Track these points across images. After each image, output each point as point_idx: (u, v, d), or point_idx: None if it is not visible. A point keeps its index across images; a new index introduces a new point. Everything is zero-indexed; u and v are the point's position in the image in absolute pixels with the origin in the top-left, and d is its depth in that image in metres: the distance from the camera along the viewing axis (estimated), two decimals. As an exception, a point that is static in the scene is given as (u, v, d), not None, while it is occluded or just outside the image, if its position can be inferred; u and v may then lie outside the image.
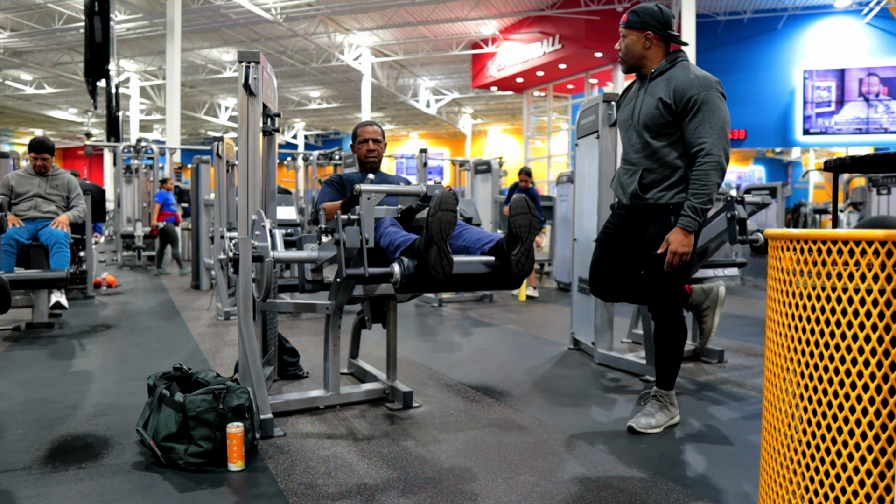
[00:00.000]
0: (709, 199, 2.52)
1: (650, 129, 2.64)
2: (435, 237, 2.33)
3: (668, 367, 2.80)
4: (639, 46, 2.68)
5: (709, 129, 2.51)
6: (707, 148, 2.51)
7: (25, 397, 3.14)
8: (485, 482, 2.21)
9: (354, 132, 3.38)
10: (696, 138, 2.54)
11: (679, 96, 2.55)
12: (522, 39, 16.98)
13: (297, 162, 13.06)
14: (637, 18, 2.66)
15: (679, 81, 2.57)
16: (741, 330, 5.26)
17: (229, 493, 2.12)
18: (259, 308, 2.98)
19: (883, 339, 1.37)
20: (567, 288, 7.56)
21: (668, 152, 2.63)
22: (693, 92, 2.53)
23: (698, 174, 2.52)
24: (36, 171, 5.12)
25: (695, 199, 2.53)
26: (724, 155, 2.53)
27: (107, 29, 9.46)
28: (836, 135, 15.80)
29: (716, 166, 2.50)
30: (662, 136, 2.63)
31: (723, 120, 2.53)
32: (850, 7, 15.07)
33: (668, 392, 2.82)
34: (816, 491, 1.45)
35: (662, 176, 2.65)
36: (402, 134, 31.87)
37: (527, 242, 2.47)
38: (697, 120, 2.53)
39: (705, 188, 2.51)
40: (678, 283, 2.73)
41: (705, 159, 2.51)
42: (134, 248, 10.13)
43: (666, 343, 2.78)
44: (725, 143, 2.53)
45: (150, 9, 15.21)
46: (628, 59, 2.72)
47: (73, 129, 29.73)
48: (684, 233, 2.54)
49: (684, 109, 2.56)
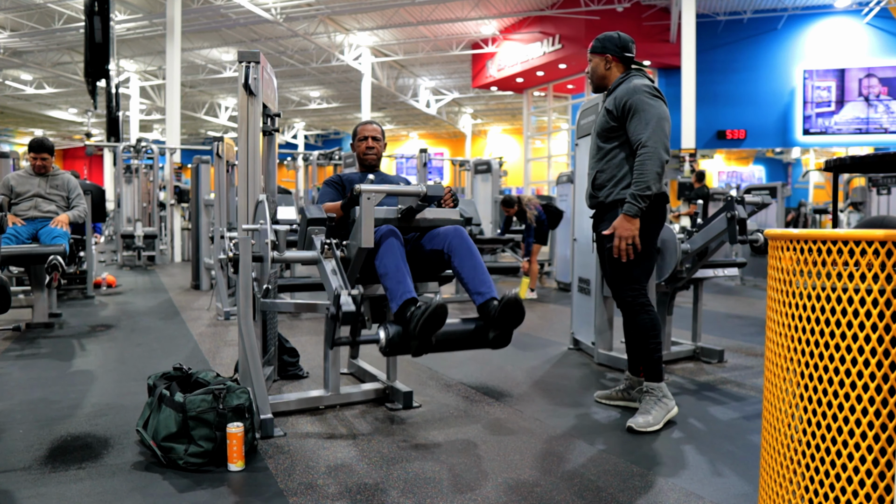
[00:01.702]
0: (647, 186, 2.73)
1: (600, 135, 2.96)
2: (420, 334, 2.41)
3: (646, 357, 2.86)
4: (601, 68, 3.00)
5: (644, 126, 2.75)
6: (643, 140, 2.74)
7: (25, 397, 3.14)
8: (485, 482, 2.21)
9: (354, 131, 3.43)
10: (635, 135, 2.78)
11: (618, 104, 2.85)
12: (522, 39, 16.98)
13: (297, 162, 13.06)
14: (599, 44, 3.00)
15: (618, 92, 2.87)
16: (741, 330, 5.26)
17: (229, 493, 2.12)
18: (259, 308, 2.98)
19: (883, 339, 1.37)
20: (567, 288, 7.55)
21: (615, 154, 2.90)
22: (626, 98, 2.81)
23: (637, 164, 2.75)
24: (36, 172, 5.12)
25: (635, 186, 2.75)
26: (661, 145, 2.73)
27: (107, 29, 9.44)
28: (836, 135, 15.80)
29: (651, 155, 2.71)
30: (609, 140, 2.92)
31: (655, 115, 2.76)
32: (850, 7, 15.07)
33: (657, 384, 2.84)
34: (816, 491, 1.45)
35: (611, 175, 2.92)
36: (402, 134, 31.87)
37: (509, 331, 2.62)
38: (635, 120, 2.78)
39: (643, 176, 2.72)
40: (635, 273, 2.88)
41: (641, 150, 2.74)
42: (134, 248, 10.13)
43: (636, 335, 2.90)
44: (661, 135, 2.75)
45: (150, 9, 15.21)
46: (594, 79, 3.08)
47: (73, 129, 29.73)
48: (627, 218, 2.76)
49: (622, 114, 2.83)
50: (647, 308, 2.88)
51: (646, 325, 2.85)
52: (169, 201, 11.56)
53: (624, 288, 2.88)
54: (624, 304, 2.90)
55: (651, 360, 2.85)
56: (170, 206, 11.49)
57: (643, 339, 2.86)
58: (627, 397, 3.11)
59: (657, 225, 2.89)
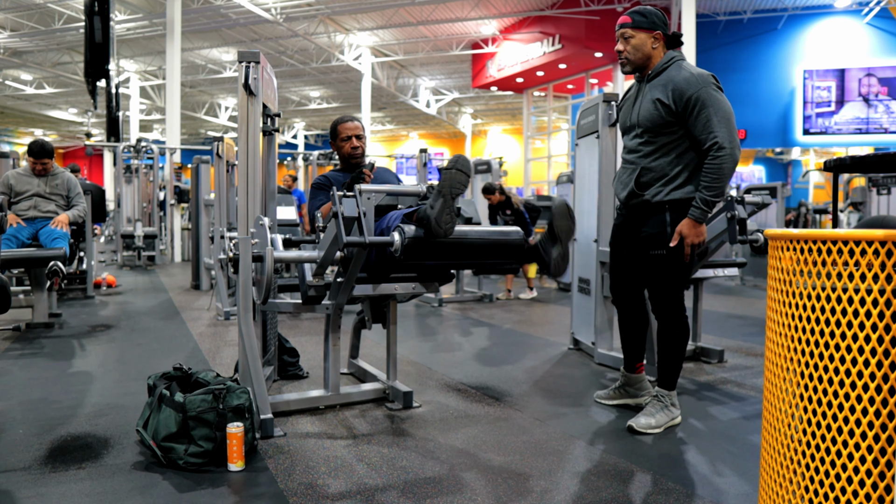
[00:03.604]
0: (720, 192, 2.56)
1: (649, 129, 2.67)
2: (444, 190, 2.33)
3: (670, 367, 2.80)
4: (647, 46, 2.69)
5: (717, 123, 2.54)
6: (720, 142, 2.53)
7: (25, 397, 3.14)
8: (485, 482, 2.21)
9: (333, 129, 3.33)
10: (706, 134, 2.55)
11: (678, 96, 2.58)
12: (522, 39, 16.97)
13: (297, 162, 13.06)
14: (645, 19, 2.68)
15: (676, 82, 2.60)
16: (741, 330, 5.26)
17: (229, 493, 2.12)
18: (259, 308, 2.98)
19: (883, 339, 1.37)
20: (567, 288, 7.55)
21: (667, 150, 2.67)
22: (691, 91, 2.56)
23: (712, 167, 2.54)
24: (36, 174, 5.12)
25: (707, 191, 2.56)
26: (737, 147, 2.55)
27: (107, 29, 9.43)
28: (836, 135, 15.79)
29: (728, 159, 2.53)
30: (661, 136, 2.66)
31: (728, 113, 2.57)
32: (850, 7, 15.06)
33: (669, 392, 2.81)
34: (816, 491, 1.45)
35: (660, 174, 2.68)
36: (402, 134, 31.85)
37: (564, 244, 2.65)
38: (704, 116, 2.55)
39: (718, 181, 2.54)
40: (678, 281, 2.75)
41: (719, 153, 2.53)
42: (134, 248, 10.13)
43: (669, 343, 2.78)
44: (735, 135, 2.56)
45: (150, 9, 15.20)
46: (636, 59, 2.71)
47: (73, 129, 29.71)
48: (694, 223, 2.59)
49: (685, 109, 2.58)
50: (685, 320, 2.79)
51: (680, 338, 2.78)
52: (169, 201, 11.56)
53: (668, 297, 2.75)
54: (664, 312, 2.77)
55: (673, 369, 2.79)
56: (170, 207, 11.49)
57: (674, 349, 2.77)
58: (625, 394, 3.10)
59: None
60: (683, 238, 2.61)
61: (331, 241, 2.52)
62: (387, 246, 2.43)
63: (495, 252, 2.61)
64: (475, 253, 2.60)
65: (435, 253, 2.47)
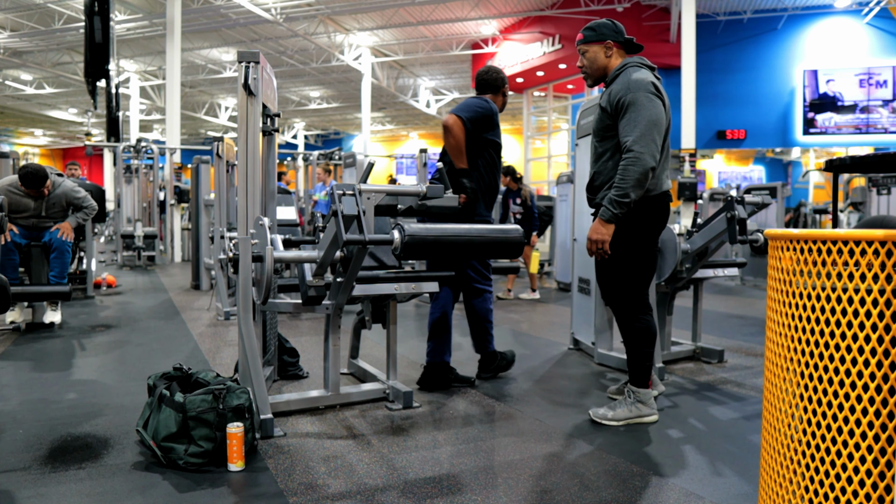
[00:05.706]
0: (625, 193, 2.58)
1: (597, 134, 2.81)
2: None
3: (634, 362, 2.84)
4: (601, 57, 2.80)
5: (633, 127, 2.59)
6: (629, 144, 2.59)
7: (25, 397, 3.14)
8: (485, 482, 2.21)
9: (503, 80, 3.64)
10: (623, 136, 2.63)
11: (613, 101, 2.67)
12: (522, 39, 16.97)
13: (297, 162, 13.06)
14: (594, 32, 2.81)
15: (613, 88, 2.70)
16: (741, 330, 5.26)
17: (229, 493, 2.12)
18: (259, 308, 2.98)
19: (883, 339, 1.37)
20: (567, 288, 7.55)
21: (609, 156, 2.76)
22: (622, 94, 2.64)
23: (620, 168, 2.61)
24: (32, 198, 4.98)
25: (613, 190, 2.62)
26: (647, 152, 2.57)
27: (107, 29, 9.43)
28: (836, 135, 15.79)
29: (635, 161, 2.57)
30: (605, 140, 2.78)
31: (650, 118, 2.59)
32: (850, 7, 15.05)
33: (638, 389, 2.83)
34: (816, 491, 1.45)
35: (607, 178, 2.76)
36: (402, 134, 31.84)
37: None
38: (625, 120, 2.63)
39: (623, 182, 2.59)
40: (631, 278, 2.79)
41: (627, 155, 2.60)
42: (134, 248, 10.13)
43: (628, 338, 2.85)
44: (649, 140, 2.57)
45: (150, 9, 15.20)
46: (593, 71, 2.83)
47: (73, 129, 29.70)
48: (600, 222, 2.65)
49: (616, 112, 2.66)
50: (646, 316, 2.81)
51: (641, 333, 2.81)
52: (169, 201, 11.55)
53: (622, 294, 2.81)
54: (619, 310, 2.85)
55: (637, 364, 2.82)
56: (170, 207, 11.48)
57: (635, 345, 2.82)
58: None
59: (657, 227, 2.78)
60: (588, 234, 2.68)
61: (330, 241, 2.52)
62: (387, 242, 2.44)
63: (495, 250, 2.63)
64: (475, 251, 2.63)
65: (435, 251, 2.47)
